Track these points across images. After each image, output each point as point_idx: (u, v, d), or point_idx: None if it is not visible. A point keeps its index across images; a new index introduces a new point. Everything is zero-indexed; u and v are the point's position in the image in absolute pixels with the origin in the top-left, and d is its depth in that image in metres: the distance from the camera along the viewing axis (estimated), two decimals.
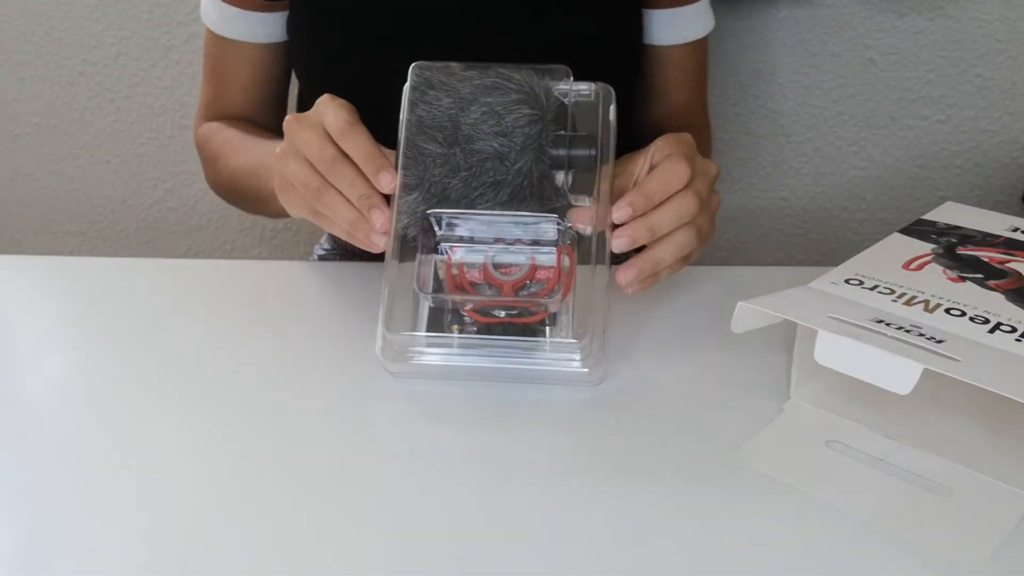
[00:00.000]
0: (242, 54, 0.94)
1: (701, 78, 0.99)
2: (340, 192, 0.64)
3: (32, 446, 0.59)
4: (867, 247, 0.69)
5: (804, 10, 1.24)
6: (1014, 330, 0.57)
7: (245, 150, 0.89)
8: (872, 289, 0.63)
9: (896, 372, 0.53)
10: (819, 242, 1.38)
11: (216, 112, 0.97)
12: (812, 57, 1.27)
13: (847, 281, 0.64)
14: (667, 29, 0.93)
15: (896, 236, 0.71)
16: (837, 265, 0.66)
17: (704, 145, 0.99)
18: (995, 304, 0.60)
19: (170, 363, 0.57)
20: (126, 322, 0.73)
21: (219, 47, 0.95)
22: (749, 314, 0.60)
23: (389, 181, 0.63)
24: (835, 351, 0.56)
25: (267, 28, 0.92)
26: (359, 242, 0.64)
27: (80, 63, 1.39)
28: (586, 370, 0.62)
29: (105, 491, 0.56)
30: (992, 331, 0.57)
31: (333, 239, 1.09)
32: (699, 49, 0.96)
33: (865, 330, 0.56)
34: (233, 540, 0.52)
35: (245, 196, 0.90)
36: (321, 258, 1.09)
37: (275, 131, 0.96)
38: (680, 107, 0.97)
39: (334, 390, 0.65)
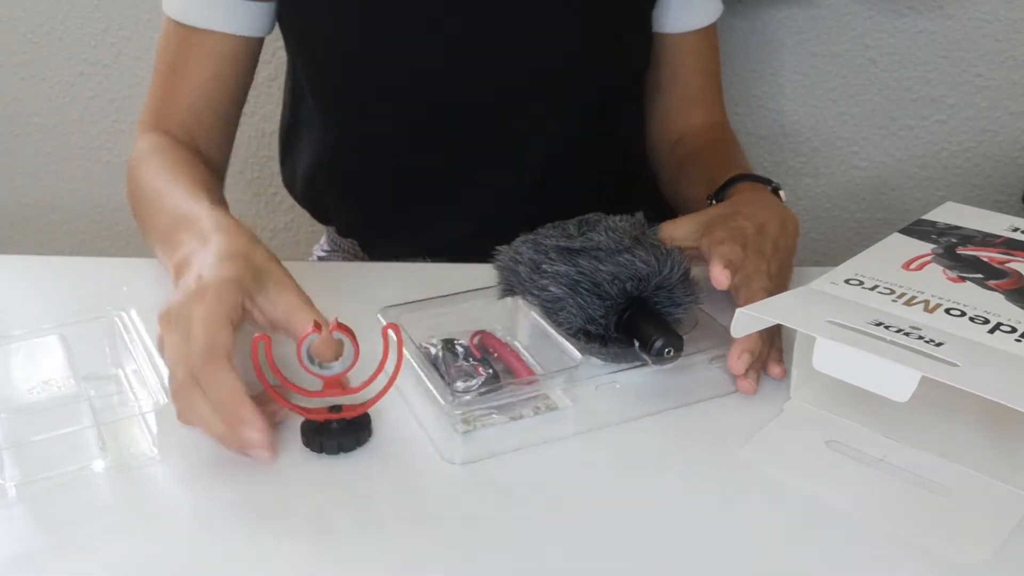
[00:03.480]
0: (210, 46, 0.88)
1: (715, 65, 1.00)
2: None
3: (32, 444, 0.59)
4: (867, 247, 0.69)
5: (804, 10, 1.24)
6: (1014, 330, 0.57)
7: (162, 212, 0.75)
8: (872, 289, 0.63)
9: (894, 379, 0.53)
10: (819, 242, 1.38)
11: (162, 116, 0.90)
12: (812, 57, 1.27)
13: (847, 281, 0.64)
14: (679, 17, 0.95)
15: (896, 236, 0.71)
16: (837, 265, 0.66)
17: (732, 143, 0.99)
18: (995, 304, 0.60)
19: None
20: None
21: (183, 40, 0.88)
22: (748, 319, 0.60)
23: (251, 436, 0.54)
24: (833, 358, 0.56)
25: (238, 19, 0.87)
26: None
27: (80, 63, 1.39)
28: None
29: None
30: (992, 331, 0.57)
31: (333, 240, 1.09)
32: (710, 35, 0.98)
33: (864, 335, 0.56)
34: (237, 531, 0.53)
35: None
36: (321, 259, 1.09)
37: (216, 146, 0.92)
38: (696, 95, 0.99)
39: None
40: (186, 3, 0.87)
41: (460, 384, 0.61)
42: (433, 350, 0.66)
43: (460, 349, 0.66)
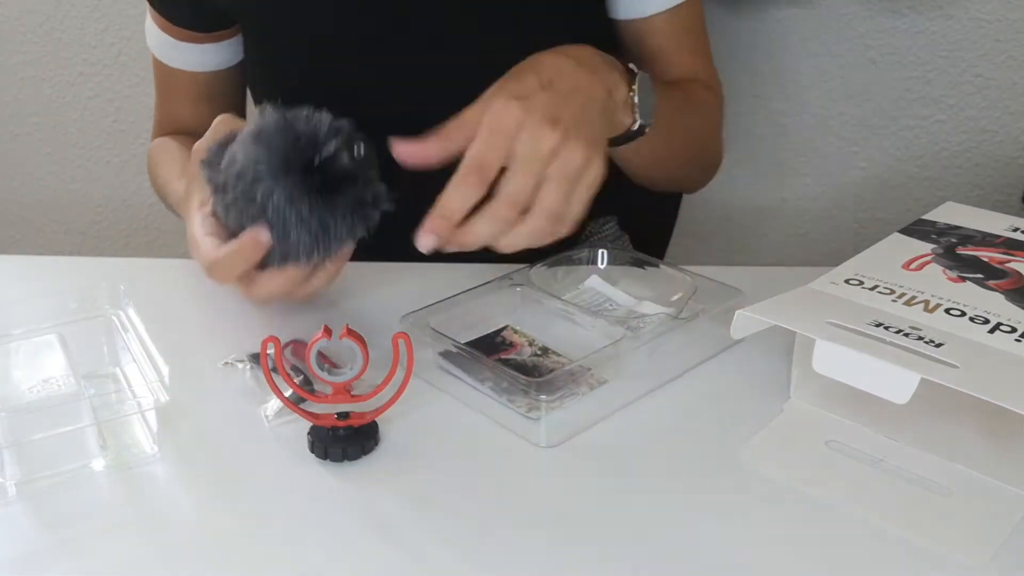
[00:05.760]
0: (187, 81, 0.94)
1: (697, 39, 0.92)
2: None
3: (32, 442, 0.59)
4: (867, 247, 0.69)
5: (804, 10, 1.24)
6: (1014, 330, 0.57)
7: (170, 162, 0.90)
8: (872, 289, 0.63)
9: (894, 382, 0.53)
10: (819, 242, 1.38)
11: (167, 128, 0.97)
12: (812, 57, 1.27)
13: (847, 281, 0.64)
14: (631, 2, 0.88)
15: (896, 236, 0.71)
16: (837, 265, 0.66)
17: (712, 104, 0.93)
18: (995, 304, 0.60)
19: (170, 363, 0.57)
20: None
21: (164, 71, 0.95)
22: (748, 321, 0.60)
23: (266, 235, 0.65)
24: (833, 360, 0.56)
25: (204, 57, 0.91)
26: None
27: (80, 63, 1.39)
28: None
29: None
30: (992, 331, 0.57)
31: None
32: (682, 13, 0.89)
33: (864, 336, 0.56)
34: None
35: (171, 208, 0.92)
36: None
37: None
38: (681, 74, 0.91)
39: None
40: (157, 43, 0.92)
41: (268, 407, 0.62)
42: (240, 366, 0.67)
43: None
